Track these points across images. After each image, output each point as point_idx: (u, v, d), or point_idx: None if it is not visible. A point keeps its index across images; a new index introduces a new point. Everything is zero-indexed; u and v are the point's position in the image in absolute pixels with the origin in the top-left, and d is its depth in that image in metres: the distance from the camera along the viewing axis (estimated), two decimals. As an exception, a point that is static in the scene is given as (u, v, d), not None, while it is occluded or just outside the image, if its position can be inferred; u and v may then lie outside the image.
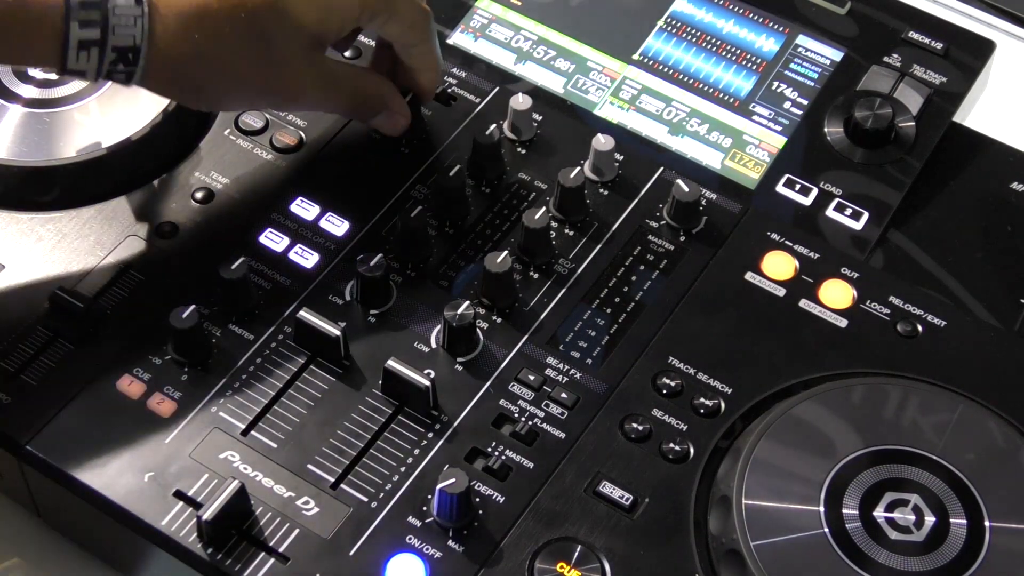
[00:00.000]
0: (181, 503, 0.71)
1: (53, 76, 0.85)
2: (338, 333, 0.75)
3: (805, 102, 0.89)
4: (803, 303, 0.80)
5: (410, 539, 0.70)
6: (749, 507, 0.69)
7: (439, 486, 0.69)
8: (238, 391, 0.75)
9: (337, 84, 0.80)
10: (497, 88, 0.89)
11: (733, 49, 0.92)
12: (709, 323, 0.78)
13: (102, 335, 0.76)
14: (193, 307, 0.74)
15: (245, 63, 0.75)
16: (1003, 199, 0.86)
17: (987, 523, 0.70)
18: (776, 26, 0.93)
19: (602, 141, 0.84)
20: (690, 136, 0.88)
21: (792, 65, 0.91)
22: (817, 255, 0.82)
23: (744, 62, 0.91)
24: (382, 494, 0.71)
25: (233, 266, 0.76)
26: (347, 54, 0.89)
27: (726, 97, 0.90)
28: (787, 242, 0.82)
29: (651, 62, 0.91)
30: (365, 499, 0.71)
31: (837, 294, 0.80)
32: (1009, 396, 0.76)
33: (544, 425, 0.74)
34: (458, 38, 0.92)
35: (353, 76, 0.81)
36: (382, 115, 0.83)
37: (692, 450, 0.73)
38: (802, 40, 0.92)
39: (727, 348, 0.77)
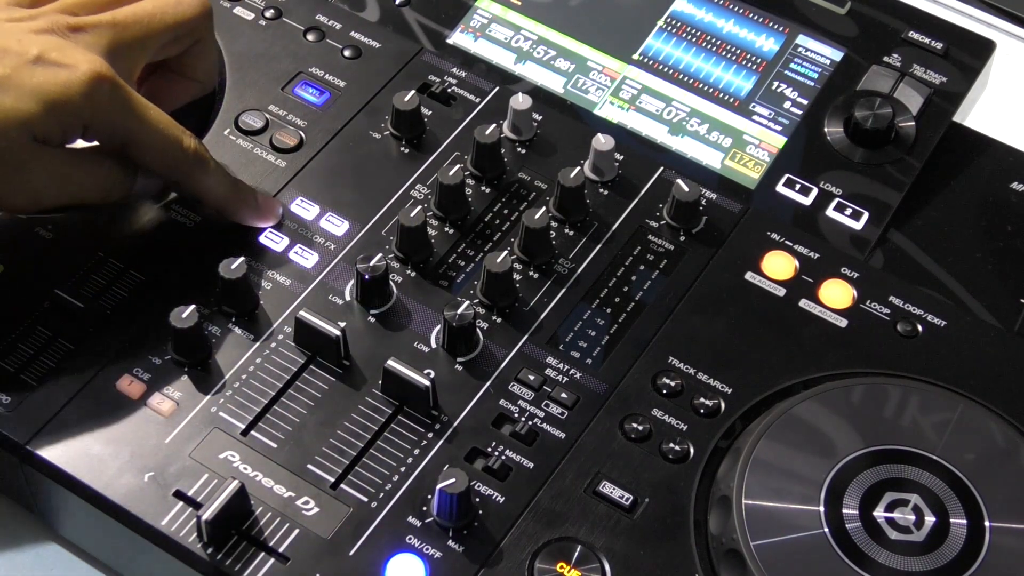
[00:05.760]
0: (181, 503, 0.71)
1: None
2: (338, 333, 0.75)
3: (805, 102, 0.89)
4: (803, 303, 0.80)
5: (410, 539, 0.70)
6: (749, 507, 0.69)
7: (439, 486, 0.69)
8: (238, 391, 0.75)
9: (70, 178, 0.75)
10: (497, 88, 0.89)
11: (733, 49, 0.92)
12: (709, 323, 0.78)
13: (102, 335, 0.76)
14: (193, 307, 0.74)
15: None
16: (1003, 199, 0.86)
17: (987, 523, 0.70)
18: (776, 26, 0.93)
19: (602, 141, 0.84)
20: (690, 136, 0.88)
21: (792, 65, 0.91)
22: (817, 255, 0.82)
23: (744, 62, 0.91)
24: (382, 494, 0.71)
25: (233, 266, 0.76)
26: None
27: (726, 97, 0.90)
28: (787, 242, 0.82)
29: (651, 62, 0.91)
30: (365, 499, 0.71)
31: (837, 294, 0.80)
32: (1009, 396, 0.76)
33: (544, 425, 0.74)
34: (458, 38, 0.92)
35: (82, 164, 0.75)
36: (139, 183, 0.78)
37: (692, 450, 0.73)
38: (802, 40, 0.92)
39: (727, 348, 0.77)
